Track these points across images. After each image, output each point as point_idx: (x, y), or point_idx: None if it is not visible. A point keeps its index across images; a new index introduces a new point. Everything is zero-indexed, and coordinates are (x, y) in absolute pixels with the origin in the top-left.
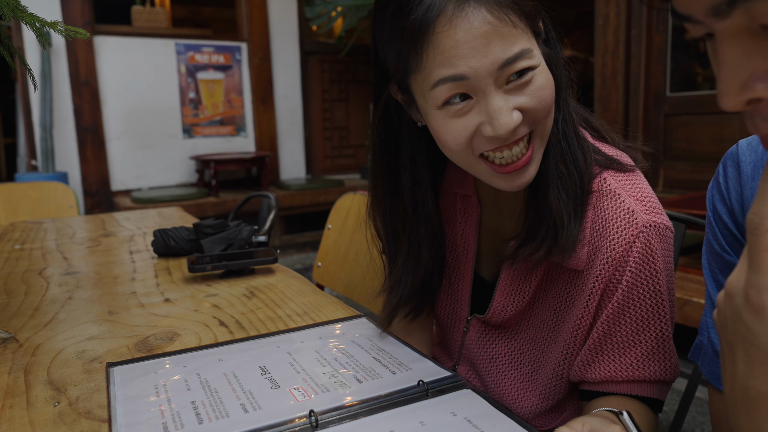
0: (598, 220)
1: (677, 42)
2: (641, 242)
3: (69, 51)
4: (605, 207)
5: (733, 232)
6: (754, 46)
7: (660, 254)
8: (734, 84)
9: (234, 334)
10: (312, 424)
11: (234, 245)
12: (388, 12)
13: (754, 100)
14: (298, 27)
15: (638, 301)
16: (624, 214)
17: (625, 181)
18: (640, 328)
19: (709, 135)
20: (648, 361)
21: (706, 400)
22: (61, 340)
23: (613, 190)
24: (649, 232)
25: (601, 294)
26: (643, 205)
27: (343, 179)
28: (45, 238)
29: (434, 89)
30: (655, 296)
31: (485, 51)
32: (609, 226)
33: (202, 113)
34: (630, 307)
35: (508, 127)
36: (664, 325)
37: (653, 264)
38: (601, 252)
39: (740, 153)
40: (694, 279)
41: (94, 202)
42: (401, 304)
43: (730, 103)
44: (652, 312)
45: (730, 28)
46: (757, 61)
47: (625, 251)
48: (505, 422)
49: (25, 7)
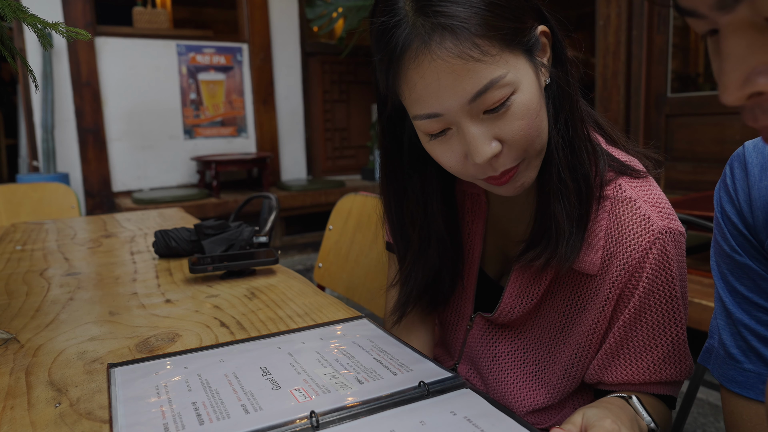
0: (613, 226)
1: (678, 43)
2: (657, 249)
3: (70, 52)
4: (621, 214)
5: (742, 232)
6: (759, 40)
7: (675, 260)
8: (737, 78)
9: (235, 335)
10: (313, 424)
11: (235, 246)
12: (374, 34)
13: (756, 94)
14: (299, 28)
15: (654, 307)
16: (640, 221)
17: (640, 188)
18: (656, 333)
19: (711, 136)
20: (664, 365)
21: (707, 401)
22: (62, 341)
23: (629, 197)
24: (665, 239)
25: (617, 299)
26: (658, 212)
27: (344, 180)
28: (46, 239)
29: (415, 121)
30: (671, 301)
31: (454, 87)
32: (625, 232)
33: (203, 114)
34: (646, 313)
35: (485, 156)
36: (679, 329)
37: (669, 270)
38: (617, 258)
39: (747, 155)
40: (696, 280)
41: (96, 203)
42: (411, 300)
43: (731, 98)
44: (668, 317)
45: (734, 22)
46: (760, 56)
47: (641, 257)
48: (505, 421)
49: (27, 8)
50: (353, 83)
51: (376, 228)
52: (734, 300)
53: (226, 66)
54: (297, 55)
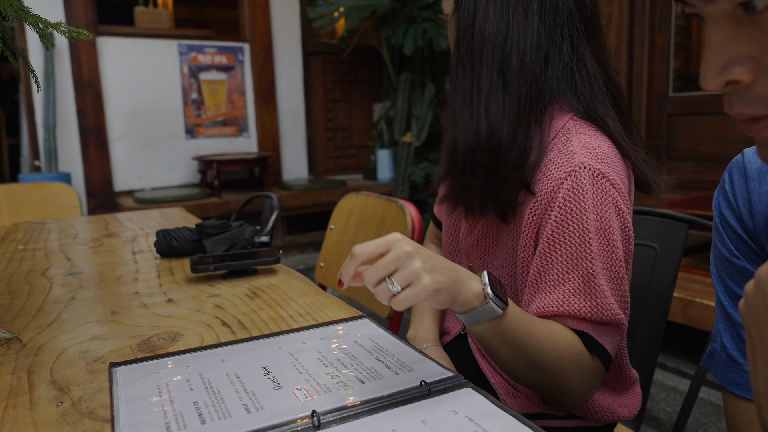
0: (546, 159)
1: (680, 42)
2: (572, 180)
3: (72, 52)
4: (553, 147)
5: (741, 236)
6: (737, 31)
7: (591, 195)
8: (715, 65)
9: (236, 335)
10: (314, 424)
11: (236, 246)
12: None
13: (732, 82)
14: (301, 28)
15: (567, 239)
16: (565, 154)
17: (583, 134)
18: (569, 266)
19: (712, 135)
20: (574, 298)
21: (708, 401)
22: (64, 341)
23: (568, 135)
24: (582, 173)
25: (537, 227)
26: (587, 151)
27: (346, 180)
28: (48, 239)
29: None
30: (583, 234)
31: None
32: (550, 163)
33: (204, 114)
34: (559, 244)
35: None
36: (590, 264)
37: (582, 202)
38: (538, 185)
39: (746, 161)
40: (697, 279)
41: (97, 202)
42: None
43: (709, 84)
44: (580, 250)
45: (716, 12)
46: (738, 46)
47: (556, 186)
48: (506, 420)
49: (29, 8)
50: (355, 83)
51: (378, 227)
52: (733, 303)
53: (227, 66)
54: (298, 55)
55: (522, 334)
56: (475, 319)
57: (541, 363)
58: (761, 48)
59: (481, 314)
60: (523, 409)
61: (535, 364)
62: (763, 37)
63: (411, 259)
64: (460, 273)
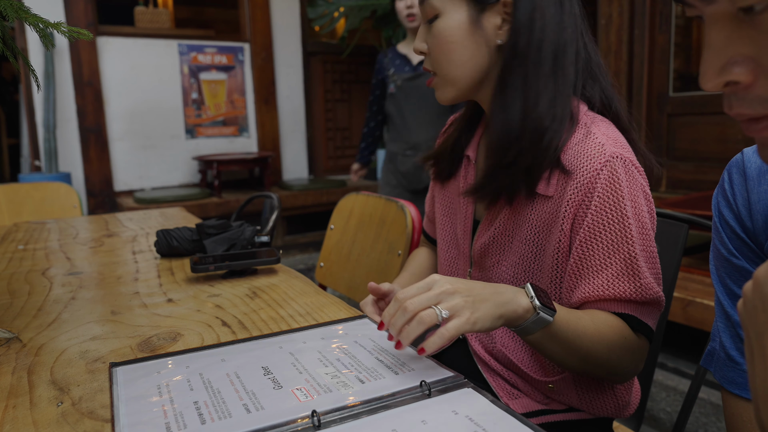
0: (570, 152)
1: (681, 42)
2: (608, 170)
3: (72, 52)
4: (578, 141)
5: (740, 236)
6: (736, 32)
7: (625, 183)
8: (715, 66)
9: (236, 335)
10: (314, 424)
11: (237, 245)
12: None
13: (732, 82)
14: (301, 27)
15: (607, 226)
16: (595, 146)
17: (602, 125)
18: (610, 251)
19: (713, 135)
20: (617, 281)
21: (708, 401)
22: (64, 340)
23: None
24: (616, 162)
25: (573, 219)
26: (613, 142)
27: (346, 179)
28: (48, 239)
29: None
30: (622, 220)
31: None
32: (581, 156)
33: (204, 114)
34: (600, 232)
35: (416, 44)
36: (632, 248)
37: (619, 191)
38: (572, 179)
39: (746, 160)
40: (697, 279)
41: (97, 202)
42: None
43: (709, 84)
44: (620, 236)
45: (716, 13)
46: (737, 47)
47: (593, 177)
48: (506, 419)
49: (29, 8)
50: (355, 83)
51: (378, 227)
52: (732, 303)
53: (227, 65)
54: (298, 55)
55: (572, 333)
56: (528, 330)
57: (593, 355)
58: (760, 48)
59: (534, 325)
60: (524, 409)
61: (588, 357)
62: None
63: (452, 296)
64: (504, 294)
